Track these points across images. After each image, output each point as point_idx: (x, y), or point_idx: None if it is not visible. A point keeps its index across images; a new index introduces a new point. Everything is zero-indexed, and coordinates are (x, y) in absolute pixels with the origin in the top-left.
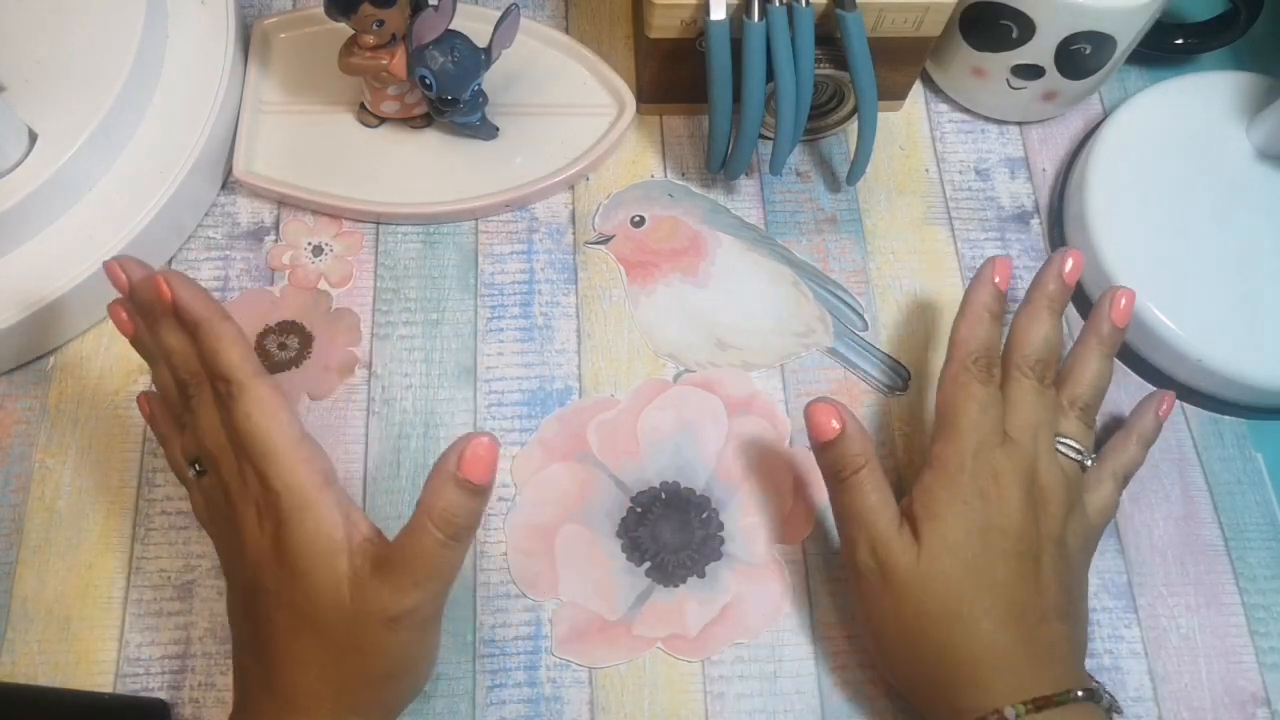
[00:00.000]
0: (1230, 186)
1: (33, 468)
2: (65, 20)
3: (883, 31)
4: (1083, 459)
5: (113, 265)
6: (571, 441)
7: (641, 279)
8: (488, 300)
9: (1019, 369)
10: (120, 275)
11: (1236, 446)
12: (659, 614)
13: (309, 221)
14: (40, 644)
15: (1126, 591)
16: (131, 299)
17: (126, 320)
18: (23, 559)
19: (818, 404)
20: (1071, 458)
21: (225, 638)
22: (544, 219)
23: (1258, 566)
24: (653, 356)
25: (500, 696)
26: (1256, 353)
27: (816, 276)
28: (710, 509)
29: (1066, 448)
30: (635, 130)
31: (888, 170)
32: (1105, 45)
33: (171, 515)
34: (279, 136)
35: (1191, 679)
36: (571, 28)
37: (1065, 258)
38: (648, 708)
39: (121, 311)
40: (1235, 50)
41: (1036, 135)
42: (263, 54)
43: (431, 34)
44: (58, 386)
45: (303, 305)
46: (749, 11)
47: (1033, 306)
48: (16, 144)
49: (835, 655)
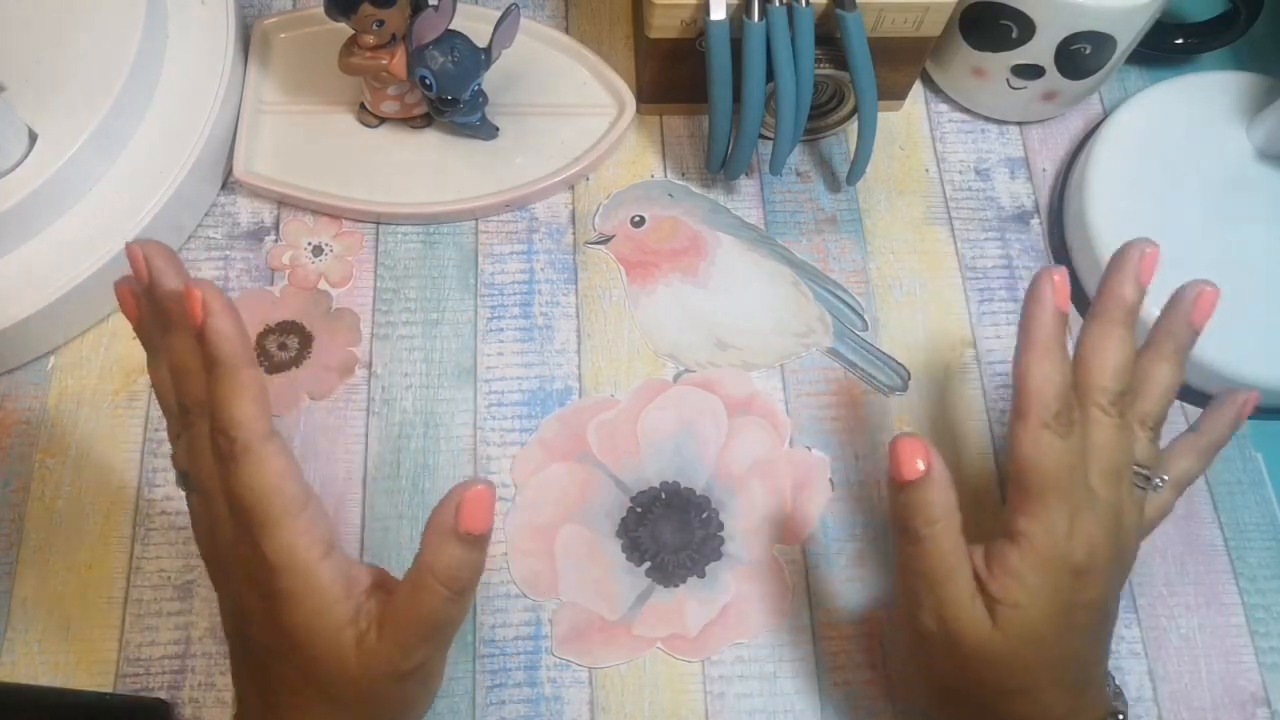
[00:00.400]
0: (1230, 186)
1: (33, 468)
2: (65, 20)
3: (883, 31)
4: (1150, 484)
5: (134, 250)
6: (571, 441)
7: (641, 279)
8: (488, 300)
9: (1099, 407)
10: (141, 265)
11: (1236, 446)
12: (659, 614)
13: (309, 221)
14: (40, 644)
15: (1126, 591)
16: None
17: (133, 304)
18: (23, 559)
19: (904, 439)
20: (1141, 486)
21: (225, 638)
22: (544, 219)
23: (1258, 566)
24: (653, 356)
25: (500, 696)
26: (1256, 353)
27: (816, 276)
28: (710, 509)
29: (1138, 476)
30: (635, 130)
31: (888, 170)
32: (1105, 45)
33: (171, 515)
34: (279, 136)
35: (1191, 679)
36: (571, 28)
37: (1143, 252)
38: (648, 708)
39: (129, 295)
40: (1235, 50)
41: (1036, 135)
42: (263, 54)
43: (431, 34)
44: (58, 386)
45: (303, 305)
46: (749, 11)
47: (1107, 322)
48: (16, 144)
49: (835, 655)
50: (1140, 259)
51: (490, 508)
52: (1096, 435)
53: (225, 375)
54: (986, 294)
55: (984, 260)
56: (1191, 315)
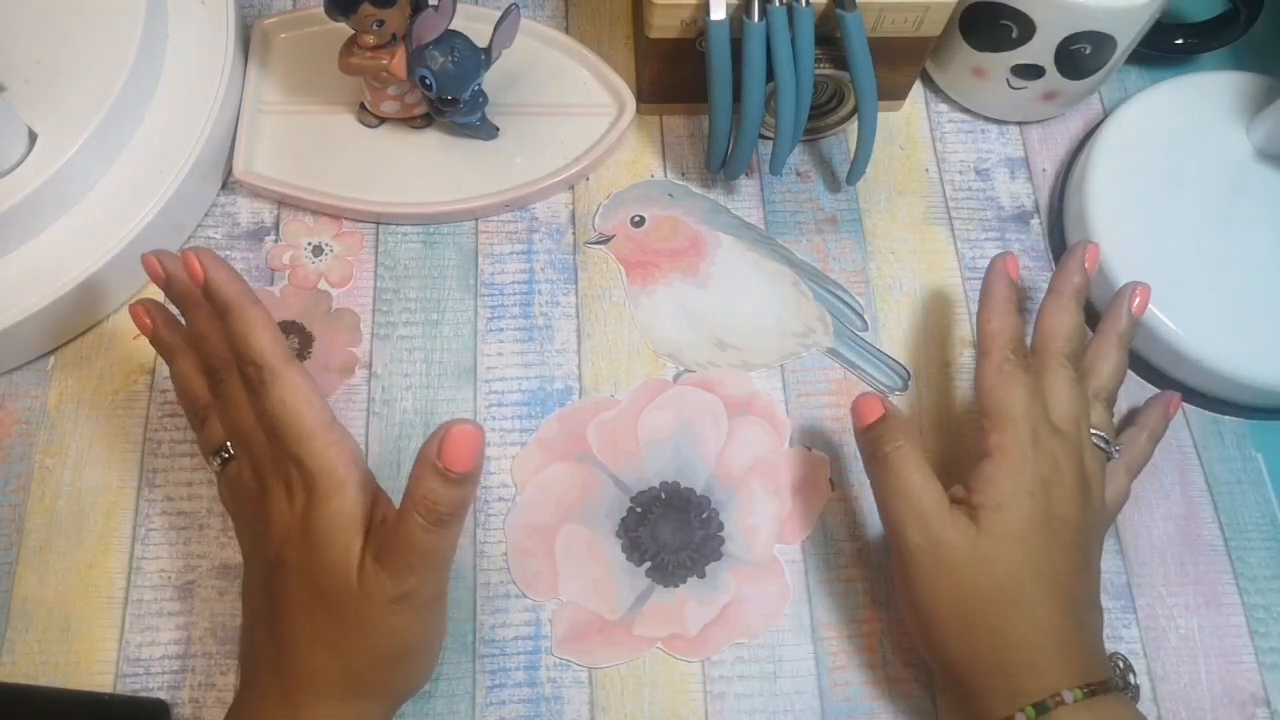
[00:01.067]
0: (1230, 186)
1: (33, 468)
2: (65, 20)
3: (883, 31)
4: (1110, 448)
5: (150, 259)
6: (571, 441)
7: (641, 279)
8: (488, 300)
9: (1056, 359)
10: (158, 269)
11: (1236, 446)
12: (659, 614)
13: (309, 221)
14: (40, 644)
15: (1126, 591)
16: (167, 288)
17: (146, 320)
18: (23, 559)
19: (863, 395)
20: (1101, 448)
21: (225, 638)
22: (544, 219)
23: (1258, 566)
24: (653, 356)
25: (500, 696)
26: (1256, 353)
27: (816, 276)
28: (710, 509)
29: (1097, 438)
30: (635, 130)
31: (888, 170)
32: (1105, 45)
33: (171, 515)
34: (279, 136)
35: (1191, 679)
36: (571, 28)
37: (1086, 248)
38: (648, 708)
39: (143, 314)
40: (1235, 50)
41: (1036, 135)
42: (263, 54)
43: (431, 34)
44: (58, 386)
45: (303, 305)
46: (749, 11)
47: (1061, 297)
48: (16, 144)
49: (835, 655)
50: (1084, 253)
51: (474, 448)
52: (1052, 380)
53: (237, 315)
54: None
55: (984, 260)
56: (1131, 307)
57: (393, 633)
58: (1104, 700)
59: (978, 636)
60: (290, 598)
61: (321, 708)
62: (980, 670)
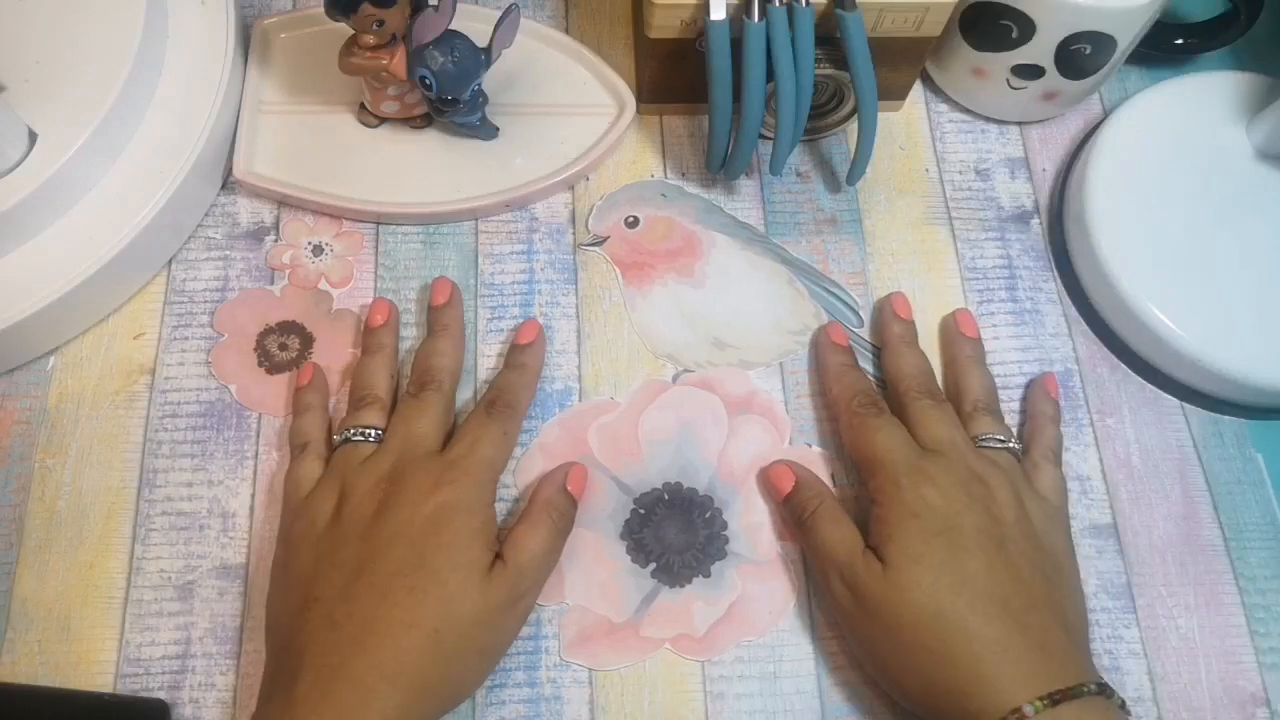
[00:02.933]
0: (1230, 186)
1: (33, 468)
2: (65, 20)
3: (883, 31)
4: (1008, 444)
5: (445, 282)
6: (572, 445)
7: (637, 280)
8: (488, 300)
9: (909, 395)
10: (450, 290)
11: (1236, 446)
12: (666, 615)
13: (309, 221)
14: (40, 644)
15: (1126, 592)
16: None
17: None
18: (23, 559)
19: (771, 466)
20: (997, 448)
21: (225, 638)
22: (544, 219)
23: (1258, 566)
24: (652, 357)
25: (500, 696)
26: (1256, 353)
27: (812, 274)
28: (713, 508)
29: (989, 440)
30: (635, 130)
31: (888, 170)
32: (1105, 45)
33: (172, 515)
34: (279, 136)
35: (1191, 679)
36: (571, 28)
37: (890, 299)
38: (648, 708)
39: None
40: (1235, 50)
41: (1036, 135)
42: (263, 54)
43: (431, 34)
44: (58, 386)
45: (303, 305)
46: (749, 11)
47: (891, 347)
48: (16, 144)
49: (835, 655)
50: (892, 305)
51: (586, 481)
52: (912, 411)
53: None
54: (986, 294)
55: (984, 260)
56: (962, 330)
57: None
58: (1072, 707)
59: (923, 665)
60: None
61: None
62: (940, 697)
